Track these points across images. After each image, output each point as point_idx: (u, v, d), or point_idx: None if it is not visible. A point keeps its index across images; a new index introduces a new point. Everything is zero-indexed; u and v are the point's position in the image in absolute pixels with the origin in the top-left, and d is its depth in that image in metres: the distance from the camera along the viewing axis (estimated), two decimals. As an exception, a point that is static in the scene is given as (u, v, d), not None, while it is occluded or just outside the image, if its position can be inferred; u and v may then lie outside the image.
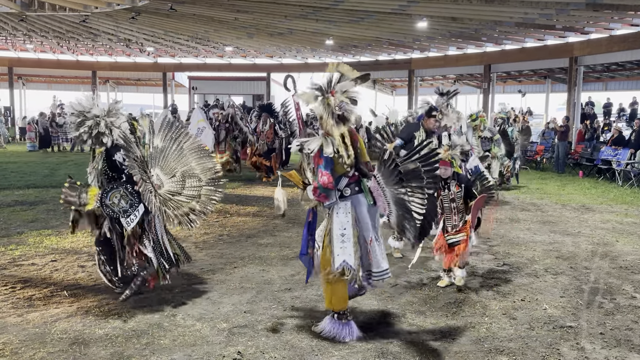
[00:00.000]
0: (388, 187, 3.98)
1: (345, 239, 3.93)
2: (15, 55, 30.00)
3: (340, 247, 3.92)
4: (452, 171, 5.19)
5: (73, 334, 3.95)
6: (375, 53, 26.00)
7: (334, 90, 3.90)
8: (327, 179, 3.84)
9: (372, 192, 4.06)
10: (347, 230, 3.94)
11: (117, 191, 4.55)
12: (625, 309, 4.64)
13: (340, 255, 3.91)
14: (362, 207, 4.02)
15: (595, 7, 14.06)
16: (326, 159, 3.84)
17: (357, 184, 4.02)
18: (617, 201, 10.61)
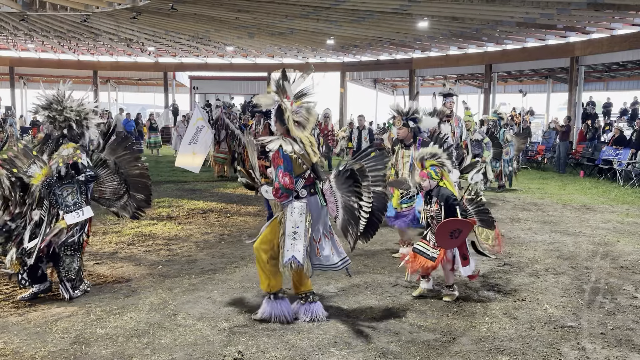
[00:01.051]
0: (340, 192, 4.20)
1: (297, 237, 4.13)
2: (17, 55, 30.02)
3: (291, 244, 4.14)
4: (431, 184, 4.74)
5: (74, 333, 3.96)
6: (376, 53, 26.00)
7: (288, 95, 4.08)
8: (288, 180, 4.02)
9: (325, 194, 4.26)
10: (300, 229, 4.14)
11: (71, 186, 4.54)
12: (626, 309, 4.63)
13: (290, 251, 4.13)
14: (315, 208, 4.22)
15: (597, 7, 14.05)
16: (286, 160, 4.02)
17: (312, 186, 4.23)
18: (618, 201, 10.61)
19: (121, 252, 6.31)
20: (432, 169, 4.69)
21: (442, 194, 4.66)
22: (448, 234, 4.55)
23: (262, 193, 4.32)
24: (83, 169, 4.61)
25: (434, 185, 4.71)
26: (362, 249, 6.57)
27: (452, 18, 17.12)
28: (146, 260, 5.99)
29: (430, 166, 4.70)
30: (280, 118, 4.11)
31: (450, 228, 4.53)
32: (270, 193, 4.20)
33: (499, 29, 18.43)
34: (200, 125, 12.42)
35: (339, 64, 28.89)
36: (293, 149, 4.03)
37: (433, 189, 4.73)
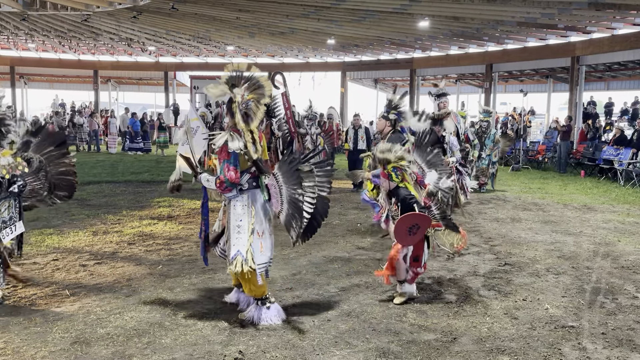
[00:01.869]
0: (286, 186, 4.21)
1: (241, 230, 4.18)
2: (17, 55, 30.02)
3: (236, 238, 4.18)
4: (390, 185, 4.68)
5: (74, 333, 3.96)
6: (376, 52, 25.99)
7: (241, 87, 4.12)
8: (234, 174, 4.07)
9: (269, 189, 4.26)
10: (243, 222, 4.19)
11: (7, 200, 4.42)
12: (627, 309, 4.63)
13: (236, 245, 4.17)
14: (258, 201, 4.26)
15: (598, 7, 14.03)
16: (234, 154, 4.07)
17: (255, 180, 4.25)
18: (619, 201, 10.60)
19: (122, 251, 6.31)
20: (393, 171, 4.61)
21: (399, 194, 4.62)
22: (406, 230, 4.47)
23: (202, 182, 4.30)
24: (14, 179, 4.42)
25: (393, 186, 4.66)
26: (362, 249, 6.57)
27: (452, 18, 17.12)
28: (147, 260, 5.99)
29: (392, 168, 4.62)
30: (231, 110, 4.16)
31: (408, 223, 4.46)
32: (212, 183, 4.19)
33: (499, 28, 18.42)
34: (195, 126, 12.31)
35: (339, 64, 28.88)
36: (239, 145, 4.07)
37: (393, 189, 4.68)
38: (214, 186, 4.19)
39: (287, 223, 4.24)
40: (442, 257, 6.24)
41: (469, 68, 24.82)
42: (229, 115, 4.20)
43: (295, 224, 4.20)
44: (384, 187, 4.73)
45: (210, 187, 4.26)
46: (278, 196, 4.22)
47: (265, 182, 4.24)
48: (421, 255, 4.68)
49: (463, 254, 6.36)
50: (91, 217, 8.18)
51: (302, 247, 6.54)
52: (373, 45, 23.77)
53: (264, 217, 4.28)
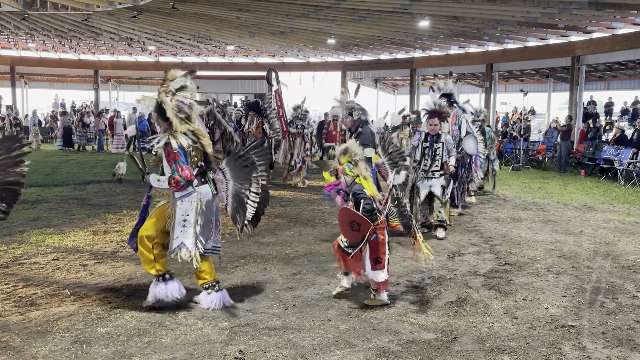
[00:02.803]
0: (233, 181, 4.45)
1: (186, 224, 4.31)
2: (18, 54, 30.05)
3: (181, 231, 4.30)
4: (347, 180, 4.67)
5: (75, 333, 3.96)
6: (377, 52, 26.00)
7: (168, 90, 4.24)
8: (188, 172, 4.20)
9: (216, 184, 4.47)
10: (190, 216, 4.31)
11: None
12: (627, 309, 4.63)
13: (179, 237, 4.29)
14: (206, 196, 4.40)
15: (598, 6, 14.03)
16: (184, 153, 4.20)
17: (203, 175, 4.42)
18: (619, 200, 10.60)
19: (122, 251, 6.30)
20: (347, 166, 4.65)
21: (352, 189, 4.61)
22: (348, 223, 4.47)
23: (151, 182, 4.35)
24: None
25: (349, 181, 4.66)
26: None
27: (453, 17, 17.12)
28: (147, 259, 5.98)
29: (346, 163, 4.65)
30: (162, 115, 4.25)
31: (348, 217, 4.46)
32: (163, 183, 4.25)
33: (500, 28, 18.42)
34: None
35: (339, 63, 28.89)
36: (188, 143, 4.21)
37: (349, 185, 4.67)
38: (166, 186, 4.26)
39: (232, 216, 4.48)
40: (442, 256, 6.24)
41: (469, 68, 24.82)
42: (160, 120, 4.29)
43: (239, 217, 4.45)
44: (342, 182, 4.78)
45: (162, 186, 4.31)
46: (225, 189, 4.46)
47: (212, 176, 4.46)
48: (383, 257, 4.55)
49: (463, 254, 6.37)
50: (91, 216, 8.18)
51: (302, 246, 6.55)
52: (373, 44, 23.77)
53: (209, 211, 4.42)
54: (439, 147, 7.16)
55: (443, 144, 7.16)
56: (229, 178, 4.46)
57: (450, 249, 6.62)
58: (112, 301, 4.62)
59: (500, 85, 27.61)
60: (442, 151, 7.17)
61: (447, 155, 7.21)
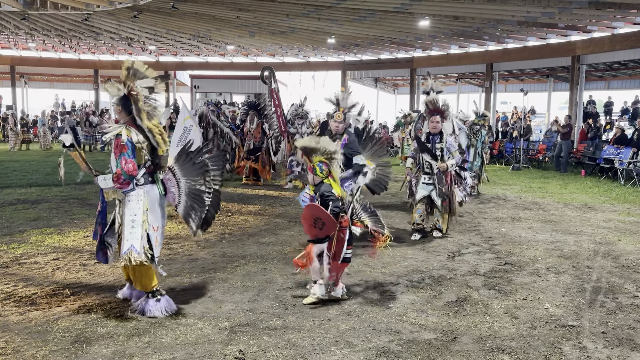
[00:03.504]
0: (184, 179, 4.39)
1: (135, 225, 4.23)
2: (18, 54, 30.05)
3: (130, 232, 4.21)
4: (315, 179, 4.59)
5: (75, 333, 3.96)
6: (377, 52, 25.99)
7: (134, 85, 4.20)
8: (132, 166, 4.16)
9: (165, 184, 4.41)
10: (138, 216, 4.24)
11: None
12: (627, 308, 4.63)
13: (129, 240, 4.20)
14: (154, 196, 4.34)
15: (598, 6, 14.03)
16: (132, 147, 4.17)
17: (151, 175, 4.37)
18: (619, 200, 10.59)
19: (122, 251, 6.30)
20: (318, 165, 4.53)
21: (320, 189, 4.53)
22: (312, 219, 4.38)
23: (99, 183, 4.30)
24: None
25: (318, 181, 4.59)
26: (363, 248, 6.57)
27: (453, 17, 17.11)
28: (147, 259, 5.98)
29: (318, 162, 4.54)
30: (127, 107, 4.23)
31: (314, 214, 4.38)
32: (109, 181, 4.21)
33: (500, 27, 18.41)
34: (189, 125, 11.00)
35: (340, 63, 28.89)
36: (138, 139, 4.19)
37: (317, 184, 4.60)
38: (111, 184, 4.22)
39: (185, 215, 4.43)
40: (443, 256, 6.24)
41: (470, 67, 24.82)
42: (123, 112, 4.25)
43: (194, 214, 4.41)
44: (310, 180, 4.68)
45: (108, 185, 4.26)
46: (176, 189, 4.40)
47: (160, 177, 4.41)
48: (338, 255, 4.53)
49: (463, 253, 6.37)
50: (92, 216, 8.15)
51: (302, 246, 6.54)
52: (373, 44, 23.76)
53: (159, 212, 4.38)
54: (441, 147, 6.98)
55: (445, 144, 6.99)
56: (179, 176, 4.41)
57: (450, 248, 6.62)
58: (112, 301, 4.61)
59: (501, 84, 27.62)
60: (444, 152, 7.00)
61: (448, 158, 6.98)
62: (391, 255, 6.25)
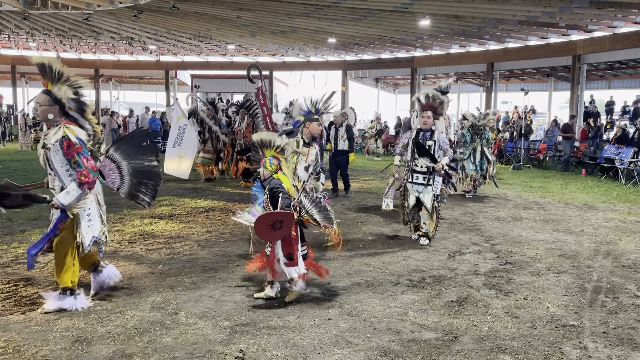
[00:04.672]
0: (126, 162, 4.63)
1: (91, 217, 4.38)
2: (18, 54, 30.03)
3: (88, 226, 4.35)
4: (264, 173, 4.58)
5: (75, 332, 3.96)
6: (377, 51, 25.98)
7: (61, 82, 4.29)
8: (93, 162, 4.25)
9: (102, 170, 4.54)
10: (92, 209, 4.39)
11: None
12: (628, 308, 4.62)
13: (89, 233, 4.35)
14: (98, 186, 4.50)
15: (599, 5, 14.01)
16: (84, 145, 4.19)
17: None
18: (620, 200, 10.59)
19: (122, 250, 6.31)
20: (269, 159, 4.56)
21: (270, 183, 4.54)
22: (269, 227, 4.33)
23: (63, 201, 4.21)
24: None
25: (267, 175, 4.58)
26: (363, 247, 6.56)
27: (453, 16, 17.10)
28: (147, 258, 5.99)
29: (269, 156, 4.56)
30: (62, 107, 4.25)
31: (268, 221, 4.33)
32: (73, 191, 4.16)
33: (500, 27, 18.40)
34: (183, 125, 11.29)
35: (340, 62, 28.88)
36: (84, 134, 4.24)
37: (267, 178, 4.60)
38: (77, 192, 4.17)
39: (131, 193, 4.71)
40: (443, 255, 6.24)
41: (470, 67, 24.80)
42: (57, 110, 4.24)
43: (145, 189, 4.72)
44: (260, 174, 4.66)
45: (74, 196, 4.18)
46: (116, 173, 4.62)
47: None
48: (295, 253, 4.53)
49: (464, 253, 6.36)
50: (92, 216, 8.17)
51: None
52: (374, 44, 23.75)
53: (101, 200, 4.57)
54: (431, 144, 6.60)
55: (436, 142, 6.61)
56: (119, 160, 4.60)
57: (450, 248, 6.61)
58: (113, 300, 4.62)
59: (501, 84, 27.60)
60: (435, 150, 6.59)
61: (442, 155, 6.61)
62: (392, 254, 6.25)
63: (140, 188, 4.72)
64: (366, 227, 7.71)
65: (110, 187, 4.67)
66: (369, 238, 7.09)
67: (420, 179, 6.66)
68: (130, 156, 4.65)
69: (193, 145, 11.34)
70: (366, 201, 10.08)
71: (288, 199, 4.49)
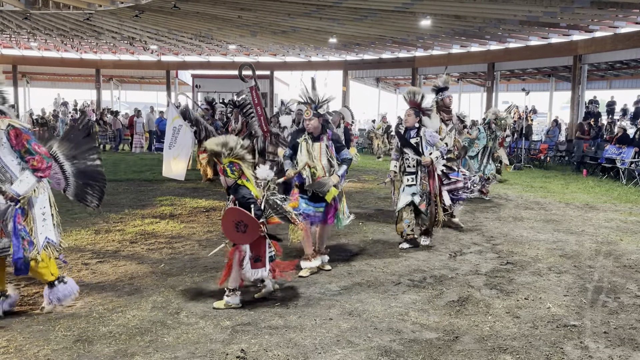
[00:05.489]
0: (69, 162, 4.44)
1: (46, 217, 4.23)
2: (20, 53, 30.08)
3: (42, 226, 4.19)
4: (227, 181, 4.48)
5: (77, 331, 3.97)
6: (378, 51, 25.98)
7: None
8: (45, 148, 4.14)
9: None
10: (46, 208, 4.24)
11: None
12: (629, 308, 4.62)
13: (43, 233, 4.19)
14: (49, 187, 4.33)
15: (600, 5, 14.01)
16: (29, 132, 4.08)
17: None
18: (621, 200, 10.58)
19: (124, 250, 6.32)
20: (228, 167, 4.42)
21: (238, 193, 4.42)
22: (233, 225, 4.28)
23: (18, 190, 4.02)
24: None
25: (231, 182, 4.47)
26: (364, 247, 6.56)
27: (454, 16, 17.10)
28: (149, 258, 6.00)
29: (228, 163, 4.42)
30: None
31: (236, 217, 4.28)
32: (27, 178, 4.02)
33: (501, 27, 18.40)
34: (178, 125, 11.12)
35: (341, 62, 28.88)
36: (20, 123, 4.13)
37: (232, 186, 4.49)
38: (32, 180, 4.04)
39: (78, 195, 4.54)
40: (444, 255, 6.24)
41: (471, 67, 24.79)
42: None
43: (92, 190, 4.54)
44: (222, 182, 4.56)
45: (28, 184, 4.04)
46: (60, 174, 4.44)
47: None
48: (263, 255, 4.45)
49: (465, 253, 6.36)
50: (93, 215, 8.18)
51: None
52: (375, 44, 23.76)
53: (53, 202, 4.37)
54: (417, 141, 6.35)
55: (422, 138, 6.33)
56: (62, 161, 4.43)
57: (452, 248, 6.61)
58: (114, 300, 4.62)
59: (502, 84, 27.57)
60: (422, 146, 6.33)
61: (433, 150, 6.35)
62: (393, 254, 6.25)
63: (86, 189, 4.54)
64: (367, 227, 7.71)
65: (57, 188, 4.47)
66: (370, 238, 7.09)
67: (409, 180, 6.45)
68: (73, 156, 4.47)
69: (187, 145, 11.21)
70: (367, 201, 10.08)
71: (259, 209, 4.41)
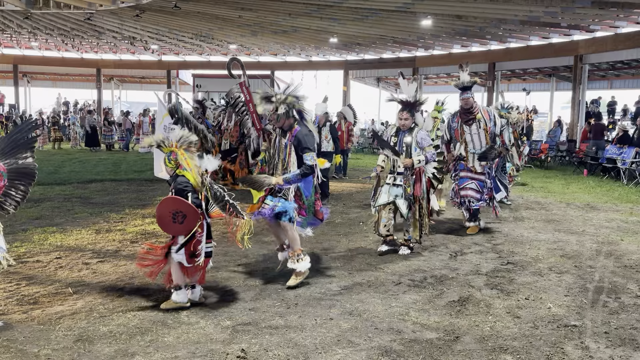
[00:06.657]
0: (4, 160, 4.15)
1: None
2: (20, 53, 30.08)
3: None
4: (168, 171, 4.41)
5: (77, 331, 3.97)
6: (379, 51, 25.96)
7: None
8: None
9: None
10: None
11: None
12: (630, 308, 4.62)
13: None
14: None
15: (601, 5, 14.00)
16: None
17: None
18: (621, 200, 10.57)
19: (124, 249, 6.32)
20: (167, 156, 4.38)
21: (176, 182, 4.33)
22: (170, 214, 4.19)
23: None
24: None
25: (170, 172, 4.39)
26: (364, 247, 6.56)
27: (455, 16, 17.09)
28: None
29: (167, 153, 4.38)
30: None
31: (173, 207, 4.18)
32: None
33: (502, 27, 18.39)
34: (168, 123, 10.51)
35: (342, 62, 28.87)
36: None
37: (172, 176, 4.40)
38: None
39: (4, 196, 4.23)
40: (445, 255, 6.24)
41: (472, 67, 24.62)
42: None
43: (16, 192, 4.19)
44: (166, 172, 4.49)
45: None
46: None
47: None
48: (197, 249, 4.34)
49: (466, 253, 6.36)
50: (94, 215, 8.19)
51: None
52: (375, 43, 23.75)
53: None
54: (409, 142, 6.05)
55: (413, 138, 6.03)
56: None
57: (452, 248, 6.61)
58: (115, 300, 4.62)
59: (503, 84, 27.54)
60: (412, 147, 6.04)
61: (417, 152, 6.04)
62: (393, 254, 6.25)
63: (8, 192, 4.14)
64: (368, 227, 7.71)
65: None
66: (370, 238, 7.08)
67: (394, 179, 6.14)
68: (10, 154, 4.21)
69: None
70: (368, 201, 10.06)
71: (198, 198, 4.31)
